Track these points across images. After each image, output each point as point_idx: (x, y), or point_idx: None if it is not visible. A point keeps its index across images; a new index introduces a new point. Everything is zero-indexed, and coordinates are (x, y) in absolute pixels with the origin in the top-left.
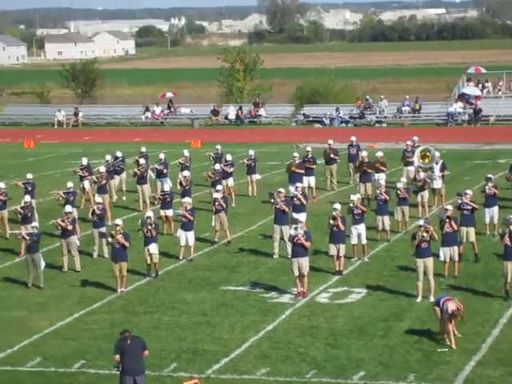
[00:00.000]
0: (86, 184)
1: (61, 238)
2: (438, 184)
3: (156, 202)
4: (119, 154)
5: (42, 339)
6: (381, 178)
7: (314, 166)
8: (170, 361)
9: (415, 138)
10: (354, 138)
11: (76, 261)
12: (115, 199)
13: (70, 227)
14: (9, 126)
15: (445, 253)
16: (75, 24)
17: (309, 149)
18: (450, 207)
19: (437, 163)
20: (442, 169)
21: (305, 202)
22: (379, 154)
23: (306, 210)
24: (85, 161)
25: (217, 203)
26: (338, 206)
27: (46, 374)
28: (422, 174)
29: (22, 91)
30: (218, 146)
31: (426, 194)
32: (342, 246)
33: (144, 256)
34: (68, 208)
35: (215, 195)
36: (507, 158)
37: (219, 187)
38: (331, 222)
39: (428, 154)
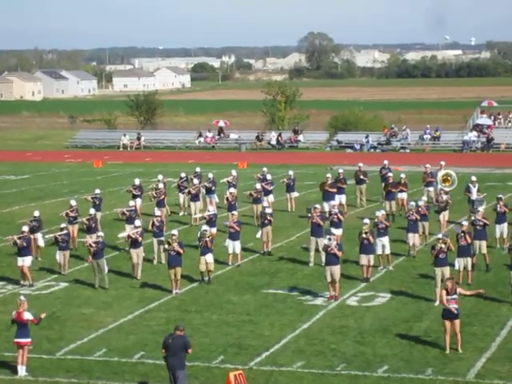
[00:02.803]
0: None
1: (132, 249)
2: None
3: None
4: (183, 174)
5: (107, 333)
6: (403, 196)
7: (345, 186)
8: (218, 354)
9: (442, 163)
10: (386, 162)
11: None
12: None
13: (140, 239)
14: (81, 149)
15: (460, 263)
16: (139, 61)
17: (341, 171)
18: (465, 223)
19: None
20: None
21: (342, 218)
22: (402, 175)
23: (342, 226)
24: (137, 181)
25: (266, 217)
26: (367, 221)
27: (110, 363)
28: (444, 196)
29: (93, 118)
30: (265, 169)
31: (446, 213)
32: (371, 257)
33: (200, 264)
34: (137, 222)
35: (267, 210)
36: None
37: (266, 203)
38: (363, 235)
39: (449, 178)
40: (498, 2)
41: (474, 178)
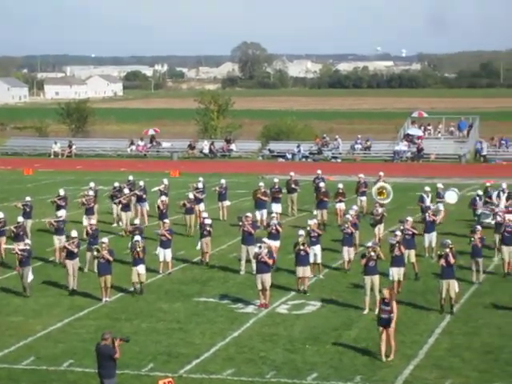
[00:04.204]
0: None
1: (67, 260)
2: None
3: (127, 234)
4: (116, 184)
5: (36, 341)
6: (341, 207)
7: (281, 195)
8: (148, 362)
9: (381, 174)
10: (319, 172)
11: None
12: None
13: (76, 250)
14: (11, 156)
15: (393, 273)
16: (71, 68)
17: (276, 180)
18: (398, 233)
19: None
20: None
21: (280, 230)
22: (340, 185)
23: (280, 238)
24: (62, 191)
25: (206, 228)
26: (302, 232)
27: (39, 372)
28: (379, 209)
29: (24, 126)
30: (201, 178)
31: (382, 226)
32: (308, 268)
33: (132, 275)
34: (74, 233)
35: (206, 221)
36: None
37: (205, 214)
38: (300, 247)
39: (384, 191)
40: (429, 14)
41: (427, 188)
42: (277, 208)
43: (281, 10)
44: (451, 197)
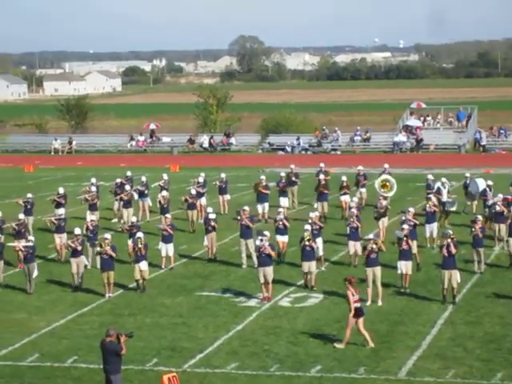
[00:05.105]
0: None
1: (71, 258)
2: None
3: (124, 232)
4: (118, 180)
5: (40, 338)
6: (346, 199)
7: (289, 190)
8: (152, 357)
9: (386, 166)
10: (322, 165)
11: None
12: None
13: (79, 248)
14: (11, 153)
15: (401, 266)
16: (70, 65)
17: (282, 174)
18: (406, 226)
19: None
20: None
21: (288, 224)
22: (344, 178)
23: (288, 233)
24: (61, 189)
25: (210, 224)
26: (308, 227)
27: (43, 369)
28: (383, 202)
29: (23, 123)
30: (202, 174)
31: (386, 219)
32: (313, 263)
33: (134, 272)
34: (77, 230)
35: (211, 216)
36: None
37: (210, 209)
38: (305, 242)
39: (388, 183)
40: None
41: (444, 180)
42: (284, 202)
43: (277, 3)
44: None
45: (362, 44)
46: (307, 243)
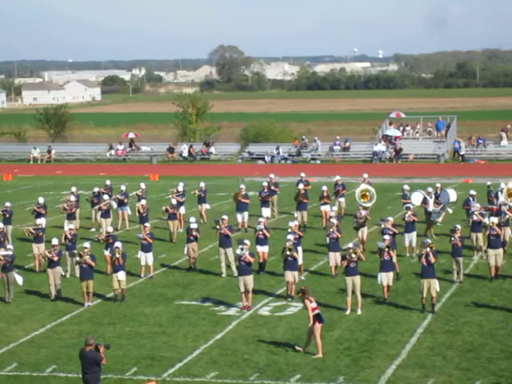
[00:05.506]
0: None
1: (48, 268)
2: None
3: (101, 241)
4: (96, 189)
5: (18, 347)
6: (326, 209)
7: (270, 199)
8: (131, 365)
9: (365, 175)
10: (303, 174)
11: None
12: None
13: (55, 258)
14: None
15: (382, 277)
16: (49, 74)
17: (265, 184)
18: (387, 237)
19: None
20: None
21: (268, 235)
22: (324, 188)
23: (268, 243)
24: (41, 199)
25: (192, 233)
26: (290, 236)
27: (22, 378)
28: (363, 212)
29: (2, 132)
30: (182, 183)
31: (365, 229)
32: (296, 273)
33: (112, 282)
34: (54, 241)
35: (192, 226)
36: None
37: (192, 219)
38: (287, 252)
39: (367, 193)
40: (405, 16)
41: (430, 189)
42: (266, 212)
43: (257, 13)
44: (417, 198)
45: (341, 54)
46: (288, 253)
